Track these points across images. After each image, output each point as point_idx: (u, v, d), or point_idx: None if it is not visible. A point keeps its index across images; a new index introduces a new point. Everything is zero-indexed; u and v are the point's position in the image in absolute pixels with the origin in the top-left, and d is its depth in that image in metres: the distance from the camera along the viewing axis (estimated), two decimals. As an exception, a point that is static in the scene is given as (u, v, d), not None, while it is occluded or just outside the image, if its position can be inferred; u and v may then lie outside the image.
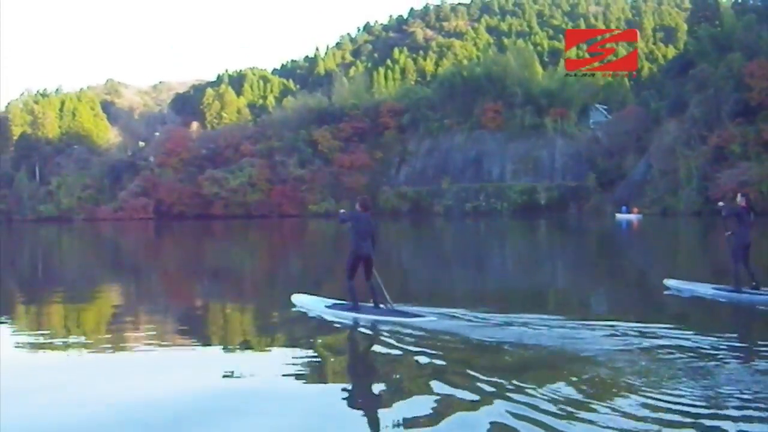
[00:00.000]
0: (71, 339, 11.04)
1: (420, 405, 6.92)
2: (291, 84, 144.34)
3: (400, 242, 43.19)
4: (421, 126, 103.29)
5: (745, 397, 6.83)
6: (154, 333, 11.80)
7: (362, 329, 11.32)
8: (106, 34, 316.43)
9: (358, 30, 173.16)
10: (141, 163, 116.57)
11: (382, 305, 12.08)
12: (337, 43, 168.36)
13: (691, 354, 8.78)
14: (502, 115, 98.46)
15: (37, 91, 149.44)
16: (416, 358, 9.02)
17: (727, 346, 9.29)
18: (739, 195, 14.91)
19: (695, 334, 10.13)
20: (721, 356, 8.69)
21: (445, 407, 6.80)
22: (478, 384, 7.50)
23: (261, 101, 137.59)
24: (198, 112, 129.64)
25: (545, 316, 11.54)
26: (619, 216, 67.15)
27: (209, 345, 11.12)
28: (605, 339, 9.74)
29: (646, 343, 9.50)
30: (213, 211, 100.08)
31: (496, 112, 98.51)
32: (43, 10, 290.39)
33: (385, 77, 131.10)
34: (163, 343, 10.80)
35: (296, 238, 51.10)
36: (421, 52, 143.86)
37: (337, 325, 11.80)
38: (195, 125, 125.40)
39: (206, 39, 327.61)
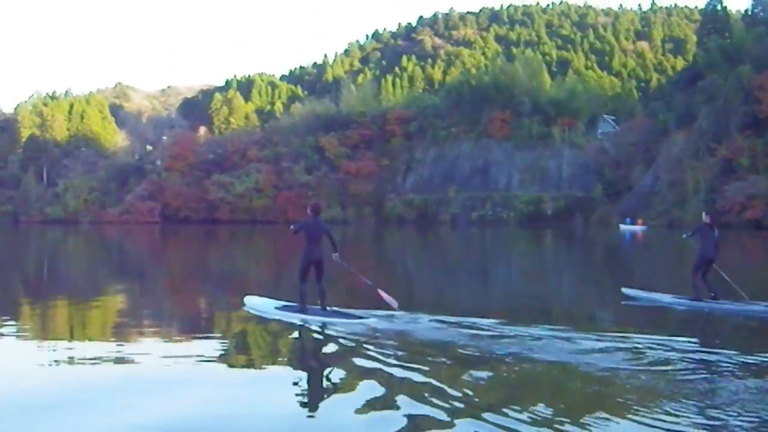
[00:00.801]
0: (74, 344, 10.77)
1: (365, 393, 7.49)
2: (299, 90, 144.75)
3: (403, 249, 43.04)
4: (428, 134, 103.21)
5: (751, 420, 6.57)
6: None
7: (312, 328, 11.74)
8: (116, 38, 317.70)
9: (367, 37, 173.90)
10: (148, 166, 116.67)
11: (328, 308, 12.53)
12: (346, 50, 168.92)
13: (694, 369, 8.52)
14: (509, 124, 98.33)
15: (46, 94, 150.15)
16: (355, 355, 9.46)
17: (732, 360, 9.04)
18: (704, 213, 15.48)
19: (695, 347, 10.04)
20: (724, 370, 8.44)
21: (389, 396, 7.35)
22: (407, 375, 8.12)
23: (269, 107, 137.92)
24: (206, 117, 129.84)
25: (499, 322, 11.63)
26: (623, 227, 66.73)
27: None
28: (582, 350, 9.60)
29: (631, 356, 9.20)
30: (219, 216, 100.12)
31: (504, 121, 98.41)
32: (53, 13, 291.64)
33: (393, 85, 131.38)
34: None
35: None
36: (429, 60, 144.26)
37: (286, 325, 12.16)
38: (203, 130, 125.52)
39: (215, 44, 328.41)
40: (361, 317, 12.13)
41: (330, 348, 10.21)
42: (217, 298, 16.74)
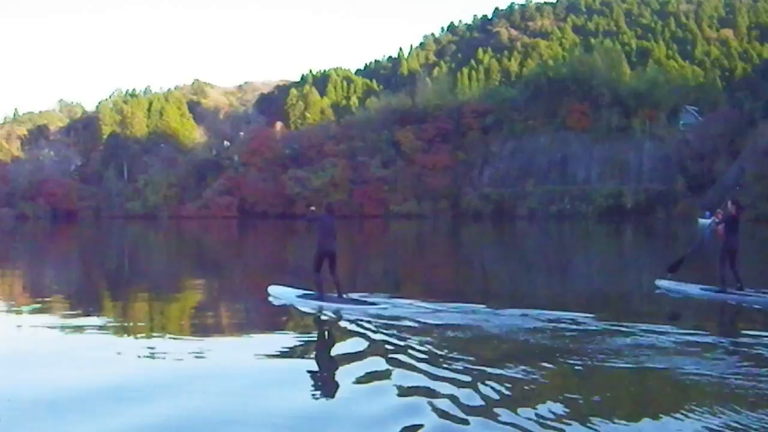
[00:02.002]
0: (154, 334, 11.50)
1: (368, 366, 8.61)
2: (374, 84, 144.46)
3: (480, 244, 42.44)
4: (504, 127, 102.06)
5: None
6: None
7: (326, 314, 12.95)
8: (193, 36, 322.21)
9: (442, 30, 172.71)
10: (225, 162, 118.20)
11: (343, 295, 13.79)
12: (421, 44, 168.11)
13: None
14: (588, 116, 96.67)
15: (127, 92, 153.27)
16: (370, 335, 10.64)
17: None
18: (729, 203, 15.53)
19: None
20: None
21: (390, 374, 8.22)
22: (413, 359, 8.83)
23: (344, 101, 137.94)
24: (282, 113, 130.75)
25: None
26: (702, 222, 64.60)
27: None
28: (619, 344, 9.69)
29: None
30: (295, 211, 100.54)
31: (582, 114, 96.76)
32: (132, 12, 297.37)
33: (469, 78, 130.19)
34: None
35: (378, 239, 50.68)
36: (505, 52, 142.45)
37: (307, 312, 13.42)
38: (279, 125, 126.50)
39: (291, 39, 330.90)
40: (374, 303, 13.33)
41: (343, 330, 11.40)
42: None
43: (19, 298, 16.86)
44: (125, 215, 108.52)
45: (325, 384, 8.53)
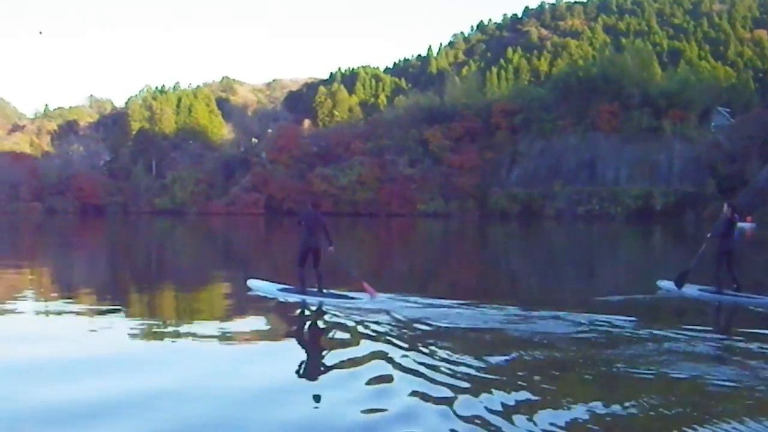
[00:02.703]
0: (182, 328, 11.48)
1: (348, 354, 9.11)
2: (403, 83, 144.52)
3: (507, 243, 42.13)
4: (533, 127, 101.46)
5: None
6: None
7: (309, 308, 13.24)
8: (224, 32, 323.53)
9: (472, 29, 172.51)
10: (253, 159, 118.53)
11: (324, 290, 14.00)
12: (450, 42, 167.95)
13: None
14: (618, 116, 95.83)
15: (156, 88, 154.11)
16: (350, 326, 11.08)
17: None
18: (726, 206, 15.89)
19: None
20: None
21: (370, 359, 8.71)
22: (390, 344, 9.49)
23: (373, 100, 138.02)
24: (310, 110, 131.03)
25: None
26: (740, 225, 63.58)
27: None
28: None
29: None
30: (322, 208, 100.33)
31: (612, 114, 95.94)
32: (162, 8, 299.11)
33: (498, 77, 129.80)
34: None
35: (404, 237, 50.48)
36: (535, 52, 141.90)
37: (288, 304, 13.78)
38: (307, 123, 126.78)
39: (321, 37, 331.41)
40: (353, 298, 13.64)
41: (323, 323, 11.90)
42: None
43: (47, 290, 17.03)
44: (153, 211, 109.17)
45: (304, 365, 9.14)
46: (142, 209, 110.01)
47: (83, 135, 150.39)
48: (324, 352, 9.81)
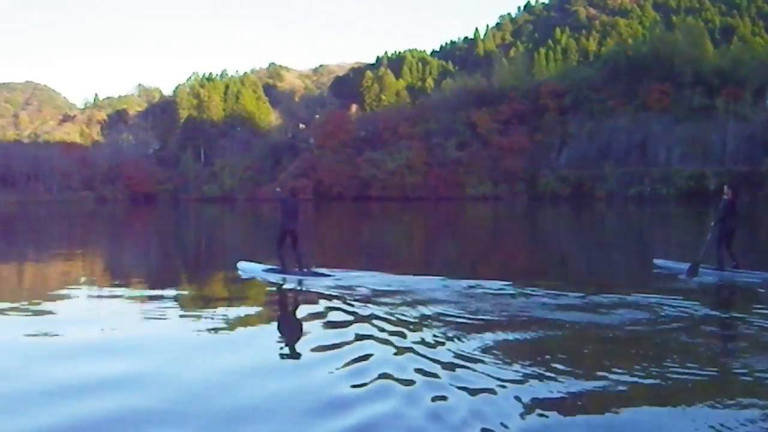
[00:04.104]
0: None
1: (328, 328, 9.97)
2: (450, 66, 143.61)
3: (558, 226, 41.69)
4: (583, 108, 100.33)
5: None
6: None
7: (289, 285, 14.38)
8: (270, 19, 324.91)
9: (519, 10, 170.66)
10: (301, 145, 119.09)
11: (304, 269, 15.20)
12: (497, 24, 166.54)
13: None
14: (669, 96, 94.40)
15: (203, 76, 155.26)
16: (324, 301, 11.97)
17: None
18: (726, 187, 16.01)
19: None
20: None
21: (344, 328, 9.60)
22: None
23: (420, 83, 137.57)
24: (357, 95, 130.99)
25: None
26: None
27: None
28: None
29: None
30: (370, 193, 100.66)
31: (663, 93, 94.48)
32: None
33: (546, 58, 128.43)
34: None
35: (452, 221, 50.21)
36: (583, 32, 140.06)
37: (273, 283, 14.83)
38: (354, 108, 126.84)
39: (367, 21, 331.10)
40: (330, 275, 14.83)
41: (306, 298, 12.98)
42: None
43: (100, 277, 17.69)
44: (202, 198, 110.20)
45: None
46: (192, 196, 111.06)
47: (132, 124, 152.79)
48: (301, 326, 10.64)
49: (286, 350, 9.01)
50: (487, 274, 14.78)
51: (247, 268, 16.39)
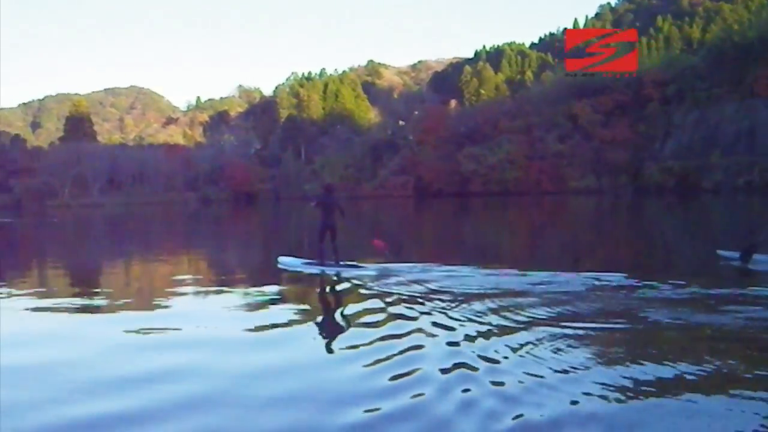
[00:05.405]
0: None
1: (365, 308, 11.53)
2: (549, 58, 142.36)
3: (666, 219, 41.26)
4: (687, 97, 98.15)
5: None
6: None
7: (329, 276, 16.00)
8: (368, 17, 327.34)
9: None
10: (400, 141, 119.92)
11: (341, 261, 16.79)
12: (597, 14, 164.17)
13: None
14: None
15: (302, 75, 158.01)
16: (361, 290, 13.51)
17: None
18: None
19: None
20: None
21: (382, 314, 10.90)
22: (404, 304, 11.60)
23: (519, 76, 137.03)
24: (456, 90, 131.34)
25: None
26: None
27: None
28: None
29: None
30: (471, 189, 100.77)
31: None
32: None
33: (648, 47, 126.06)
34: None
35: (557, 216, 50.10)
36: (686, 19, 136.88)
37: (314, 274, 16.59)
38: (453, 103, 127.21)
39: (464, 16, 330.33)
40: (364, 267, 16.36)
41: (342, 287, 14.35)
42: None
43: (205, 275, 19.36)
44: (303, 196, 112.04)
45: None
46: (293, 195, 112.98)
47: (233, 124, 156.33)
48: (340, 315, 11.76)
49: (350, 341, 9.33)
50: (603, 268, 14.72)
51: (287, 262, 18.00)
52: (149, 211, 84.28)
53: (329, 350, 9.14)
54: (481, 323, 9.62)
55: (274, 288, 15.08)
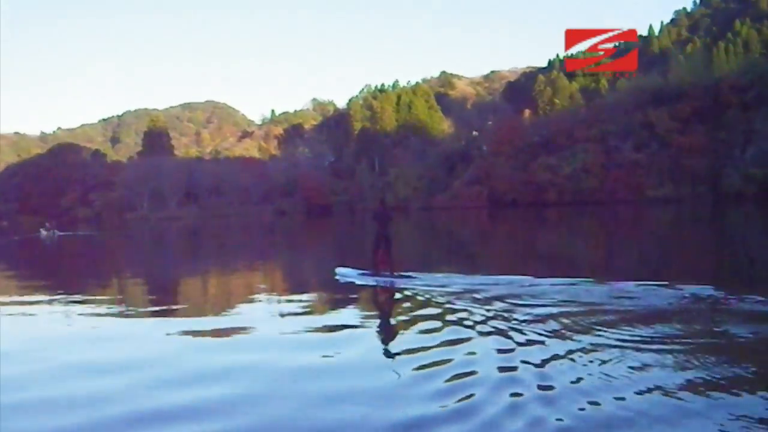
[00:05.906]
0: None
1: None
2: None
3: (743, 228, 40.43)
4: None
5: None
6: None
7: (382, 285, 17.41)
8: (440, 28, 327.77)
9: (695, 4, 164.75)
10: (474, 152, 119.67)
11: (395, 273, 17.83)
12: (672, 20, 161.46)
13: None
14: None
15: (375, 87, 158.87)
16: (418, 296, 14.91)
17: None
18: None
19: None
20: None
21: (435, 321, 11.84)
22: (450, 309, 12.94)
23: (593, 85, 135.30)
24: (530, 100, 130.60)
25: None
26: None
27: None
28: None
29: None
30: (546, 199, 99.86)
31: None
32: (379, 9, 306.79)
33: (726, 52, 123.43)
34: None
35: (633, 226, 49.42)
36: (765, 22, 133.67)
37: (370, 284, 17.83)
38: (527, 113, 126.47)
39: (537, 25, 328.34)
40: (416, 277, 17.39)
41: (398, 296, 15.54)
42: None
43: (278, 286, 21.22)
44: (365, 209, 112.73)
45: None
46: (368, 207, 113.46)
47: (308, 137, 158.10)
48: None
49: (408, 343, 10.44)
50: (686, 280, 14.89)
51: (344, 272, 19.32)
52: (225, 223, 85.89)
53: (386, 354, 10.12)
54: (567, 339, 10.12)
55: (330, 295, 16.96)
